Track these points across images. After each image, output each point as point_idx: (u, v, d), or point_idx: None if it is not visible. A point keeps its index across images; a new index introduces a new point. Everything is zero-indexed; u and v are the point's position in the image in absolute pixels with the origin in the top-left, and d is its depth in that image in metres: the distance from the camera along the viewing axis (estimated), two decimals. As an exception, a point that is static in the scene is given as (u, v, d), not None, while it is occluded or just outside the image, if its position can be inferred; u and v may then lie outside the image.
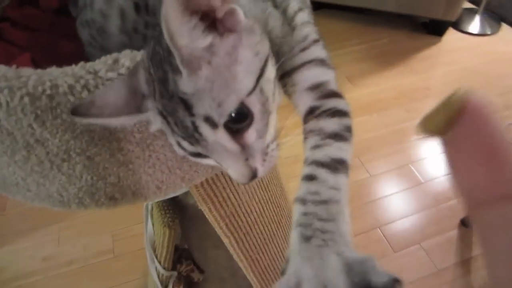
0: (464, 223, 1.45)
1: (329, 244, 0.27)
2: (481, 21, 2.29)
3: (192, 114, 0.30)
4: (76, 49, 0.61)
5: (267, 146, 0.34)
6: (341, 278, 0.23)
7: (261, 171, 0.34)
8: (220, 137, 0.31)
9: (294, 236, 0.30)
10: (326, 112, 0.37)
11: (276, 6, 0.38)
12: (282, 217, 0.83)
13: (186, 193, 0.72)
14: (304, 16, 0.40)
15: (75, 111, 0.32)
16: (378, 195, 1.60)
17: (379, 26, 2.37)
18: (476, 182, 0.16)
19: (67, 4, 0.64)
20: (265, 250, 0.78)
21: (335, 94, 0.39)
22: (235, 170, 0.33)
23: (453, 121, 0.16)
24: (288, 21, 0.39)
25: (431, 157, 1.71)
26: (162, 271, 0.84)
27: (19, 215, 1.57)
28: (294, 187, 0.37)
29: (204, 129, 0.30)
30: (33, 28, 0.61)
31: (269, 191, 0.74)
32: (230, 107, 0.31)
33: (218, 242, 0.87)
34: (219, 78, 0.30)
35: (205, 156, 0.34)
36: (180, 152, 0.34)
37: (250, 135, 0.33)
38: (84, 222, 1.53)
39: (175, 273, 0.90)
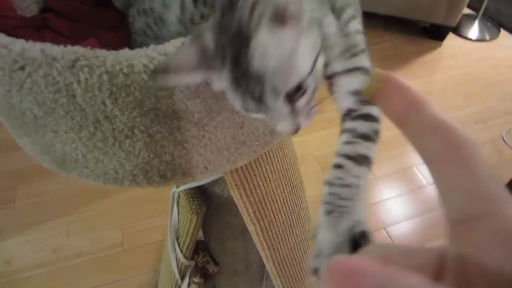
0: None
1: (343, 217, 0.36)
2: (480, 27, 2.35)
3: (262, 83, 0.36)
4: (116, 38, 0.63)
5: (310, 109, 0.40)
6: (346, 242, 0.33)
7: (303, 125, 0.40)
8: (279, 103, 0.37)
9: (320, 211, 0.38)
10: (361, 116, 0.43)
11: (333, 10, 0.43)
12: (301, 209, 0.86)
13: (214, 181, 0.74)
14: (356, 24, 0.45)
15: (155, 71, 0.36)
16: (383, 197, 1.63)
17: (380, 30, 2.42)
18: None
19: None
20: (286, 240, 0.81)
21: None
22: (284, 126, 0.39)
23: (379, 90, 0.23)
24: (341, 26, 0.44)
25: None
26: (182, 259, 0.86)
27: (28, 207, 1.58)
28: None
29: (269, 97, 0.36)
30: (74, 19, 0.63)
31: (292, 183, 0.77)
32: (292, 83, 0.37)
33: (237, 233, 0.89)
34: (286, 60, 0.36)
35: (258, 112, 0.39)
36: (240, 107, 0.38)
37: (301, 103, 0.39)
38: (93, 216, 1.55)
39: (193, 263, 0.92)
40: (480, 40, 2.31)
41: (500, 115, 1.91)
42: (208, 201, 0.81)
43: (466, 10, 2.42)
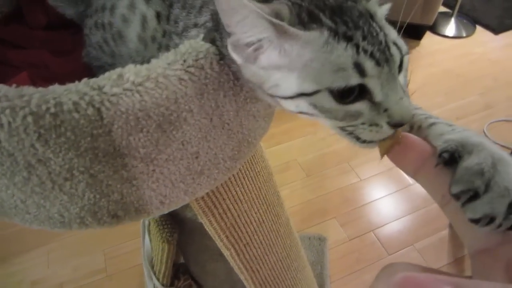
0: (454, 221, 1.47)
1: None
2: (456, 24, 2.36)
3: (384, 32, 0.34)
4: (68, 64, 0.60)
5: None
6: None
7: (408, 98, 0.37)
8: (404, 70, 0.36)
9: None
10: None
11: None
12: (280, 226, 0.83)
13: (184, 206, 0.71)
14: None
15: None
16: (369, 199, 1.61)
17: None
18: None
19: (55, 20, 0.63)
20: (265, 260, 0.78)
21: None
22: (403, 103, 0.33)
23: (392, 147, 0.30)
24: None
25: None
26: (160, 287, 0.82)
27: (3, 239, 1.52)
28: (286, 195, 0.39)
29: (394, 49, 0.34)
30: (22, 46, 0.60)
31: (267, 200, 0.74)
32: (405, 46, 0.37)
33: (216, 255, 0.86)
34: None
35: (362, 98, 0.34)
36: (345, 76, 0.33)
37: (402, 79, 0.37)
38: (74, 242, 1.50)
39: (173, 289, 0.89)
40: (457, 37, 2.32)
41: (481, 109, 1.92)
42: (181, 226, 0.78)
43: (442, 8, 2.43)
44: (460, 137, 0.30)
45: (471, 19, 2.42)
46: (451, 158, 0.28)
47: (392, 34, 0.36)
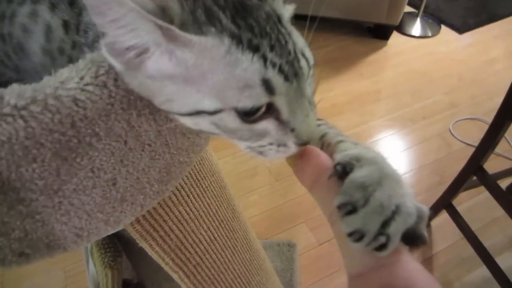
0: (422, 222, 1.47)
1: None
2: (422, 24, 2.39)
3: (293, 41, 0.30)
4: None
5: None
6: None
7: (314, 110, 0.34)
8: (310, 79, 0.32)
9: None
10: None
11: None
12: (237, 240, 0.78)
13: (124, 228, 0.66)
14: None
15: None
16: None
17: (327, 33, 2.41)
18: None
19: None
20: (221, 279, 0.73)
21: None
22: (309, 121, 0.31)
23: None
24: None
25: (387, 159, 1.73)
26: (111, 312, 0.77)
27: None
28: (254, 200, 0.37)
29: (303, 62, 0.30)
30: None
31: (219, 216, 0.69)
32: (311, 53, 0.33)
33: (170, 275, 0.81)
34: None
35: (267, 116, 0.30)
36: (251, 94, 0.29)
37: (310, 88, 0.34)
38: (30, 261, 1.41)
39: (127, 312, 0.83)
40: (422, 36, 2.34)
41: (446, 108, 1.93)
42: (129, 247, 0.73)
43: (408, 8, 2.45)
44: (358, 152, 0.30)
45: (436, 19, 2.45)
46: (343, 171, 0.28)
47: (300, 42, 0.32)
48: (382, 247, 0.24)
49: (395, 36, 2.35)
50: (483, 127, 1.80)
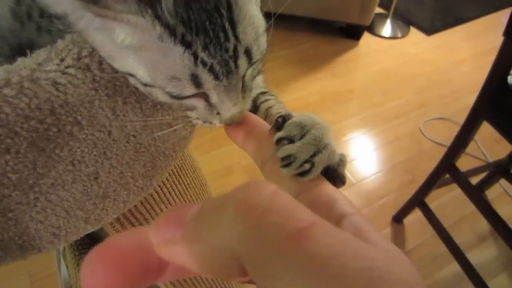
0: (395, 219, 1.50)
1: None
2: (392, 25, 2.44)
3: (237, 39, 0.28)
4: None
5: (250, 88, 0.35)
6: None
7: (247, 107, 0.34)
8: (244, 68, 0.30)
9: None
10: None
11: None
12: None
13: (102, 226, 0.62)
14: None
15: None
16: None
17: (300, 32, 2.42)
18: None
19: None
20: (202, 279, 0.71)
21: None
22: (235, 109, 0.32)
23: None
24: None
25: (360, 157, 1.76)
26: (83, 318, 0.72)
27: None
28: None
29: (242, 62, 0.29)
30: None
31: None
32: (263, 45, 0.31)
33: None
34: (256, 18, 0.30)
35: (198, 96, 0.31)
36: (180, 89, 0.29)
37: (250, 74, 0.33)
38: (-9, 266, 1.32)
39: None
40: (392, 37, 2.40)
41: (416, 108, 1.98)
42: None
43: (378, 10, 2.51)
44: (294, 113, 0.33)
45: (406, 20, 2.51)
46: (283, 121, 0.31)
47: (251, 35, 0.29)
48: (305, 173, 0.27)
49: (366, 37, 2.39)
50: (451, 126, 1.86)
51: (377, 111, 1.96)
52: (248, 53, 0.29)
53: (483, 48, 2.35)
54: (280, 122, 0.31)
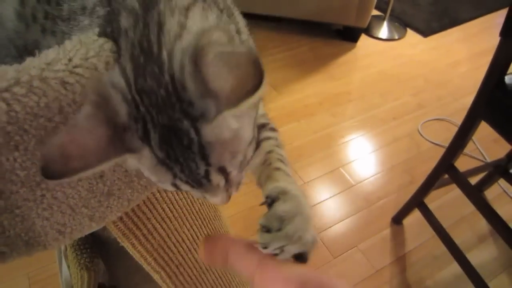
0: (395, 220, 1.51)
1: None
2: (389, 27, 2.46)
3: (208, 164, 0.32)
4: None
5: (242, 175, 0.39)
6: None
7: (234, 192, 0.39)
8: (220, 180, 0.35)
9: None
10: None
11: None
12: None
13: (104, 227, 0.62)
14: None
15: (49, 173, 0.26)
16: (314, 202, 1.60)
17: (298, 34, 2.43)
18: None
19: None
20: (202, 280, 0.71)
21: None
22: (218, 199, 0.37)
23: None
24: None
25: (359, 159, 1.77)
26: (84, 319, 0.72)
27: None
28: (231, 201, 0.38)
29: (215, 177, 0.34)
30: None
31: (202, 215, 0.67)
32: (240, 158, 0.35)
33: (148, 276, 0.77)
34: (236, 133, 0.32)
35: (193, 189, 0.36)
36: (169, 185, 0.35)
37: (238, 175, 0.37)
38: (-9, 269, 1.32)
39: (101, 318, 0.79)
40: (389, 39, 2.42)
41: (414, 109, 2.00)
42: (105, 247, 0.69)
43: (375, 12, 2.52)
44: (285, 186, 0.38)
45: (402, 22, 2.53)
46: (271, 203, 0.36)
47: (222, 159, 0.33)
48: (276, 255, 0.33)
49: (363, 39, 2.41)
50: (449, 127, 1.87)
51: (375, 113, 1.97)
52: (222, 170, 0.33)
53: (479, 49, 2.37)
54: (269, 202, 0.36)
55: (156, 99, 0.29)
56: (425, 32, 2.47)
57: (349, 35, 2.36)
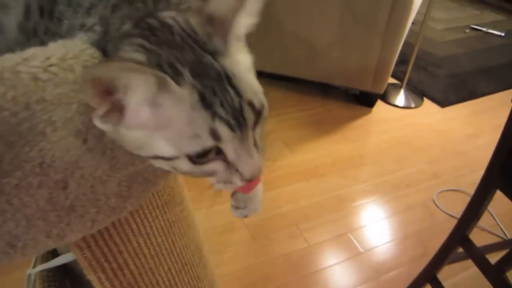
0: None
1: None
2: (406, 95, 2.48)
3: (239, 95, 0.34)
4: None
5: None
6: None
7: (262, 165, 0.39)
8: (251, 117, 0.36)
9: None
10: None
11: None
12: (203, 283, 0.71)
13: (76, 260, 0.58)
14: None
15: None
16: (318, 267, 1.51)
17: (313, 95, 2.48)
18: None
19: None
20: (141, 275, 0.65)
21: None
22: (253, 163, 0.37)
23: None
24: None
25: (369, 225, 1.69)
26: None
27: None
28: (229, 257, 0.40)
29: (248, 112, 0.35)
30: None
31: (184, 258, 0.63)
32: (262, 99, 0.37)
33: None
34: (249, 71, 0.38)
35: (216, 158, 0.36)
36: (205, 139, 0.34)
37: (258, 132, 0.39)
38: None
39: None
40: (406, 107, 2.43)
41: (429, 178, 1.93)
42: (78, 280, 0.64)
43: (392, 80, 2.57)
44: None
45: (419, 92, 2.56)
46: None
47: (249, 92, 0.36)
48: None
49: (379, 105, 2.43)
50: (466, 199, 1.77)
51: (389, 179, 1.91)
52: (251, 105, 0.35)
53: (497, 123, 2.33)
54: None
55: (174, 44, 0.34)
56: (443, 102, 2.48)
57: (365, 100, 2.38)
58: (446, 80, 2.74)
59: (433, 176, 1.94)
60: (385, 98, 2.45)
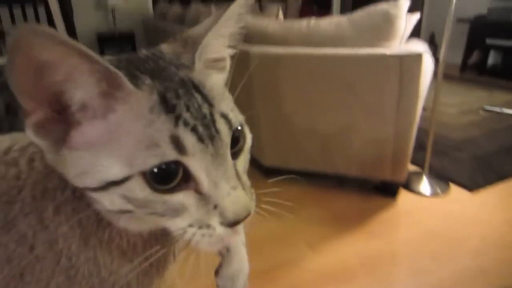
0: None
1: None
2: (430, 182, 2.36)
3: (210, 104, 0.30)
4: None
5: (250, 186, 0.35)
6: None
7: (252, 206, 0.31)
8: (228, 146, 0.31)
9: None
10: None
11: None
12: None
13: None
14: None
15: None
16: None
17: (333, 189, 2.38)
18: None
19: None
20: None
21: None
22: (236, 196, 0.29)
23: None
24: None
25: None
26: None
27: None
28: None
29: (221, 124, 0.30)
30: None
31: None
32: (240, 119, 0.33)
33: None
34: (219, 84, 0.35)
35: (185, 187, 0.29)
36: (164, 148, 0.27)
37: (241, 164, 0.33)
38: None
39: None
40: (433, 195, 2.28)
41: (477, 275, 1.69)
42: None
43: (413, 167, 2.47)
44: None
45: (444, 177, 2.43)
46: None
47: (223, 105, 0.32)
48: None
49: (404, 194, 2.29)
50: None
51: (428, 280, 1.68)
52: (225, 118, 0.31)
53: (536, 203, 2.15)
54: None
55: (137, 58, 0.33)
56: (471, 187, 2.33)
57: (387, 190, 2.27)
58: (470, 163, 2.64)
59: (481, 273, 1.70)
60: (408, 186, 2.33)
